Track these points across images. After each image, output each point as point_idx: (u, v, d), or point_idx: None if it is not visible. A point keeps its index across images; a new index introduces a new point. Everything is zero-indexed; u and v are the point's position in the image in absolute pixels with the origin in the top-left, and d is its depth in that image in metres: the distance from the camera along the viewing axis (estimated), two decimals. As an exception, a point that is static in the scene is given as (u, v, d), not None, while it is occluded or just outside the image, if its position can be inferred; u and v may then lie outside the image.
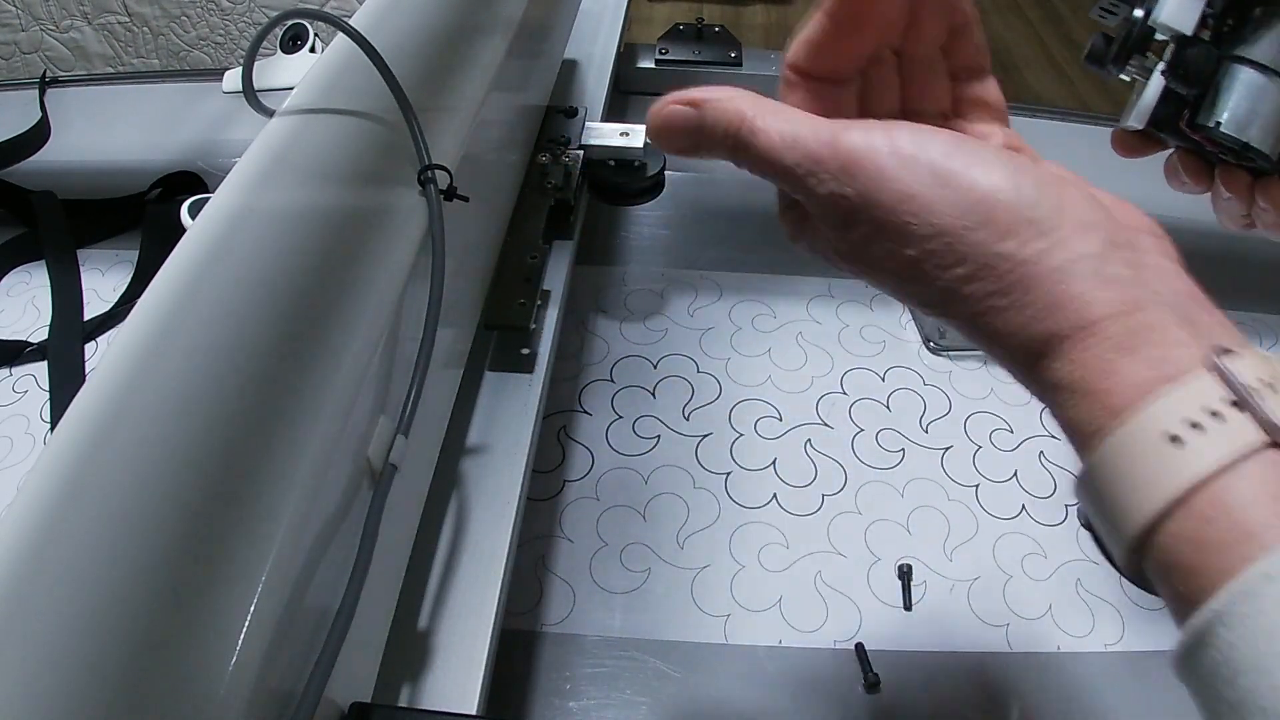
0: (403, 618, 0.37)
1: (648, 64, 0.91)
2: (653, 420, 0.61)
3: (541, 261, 0.55)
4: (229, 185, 0.32)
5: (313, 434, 0.27)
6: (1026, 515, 0.58)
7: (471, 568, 0.40)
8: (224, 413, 0.25)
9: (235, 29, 1.27)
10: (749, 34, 2.79)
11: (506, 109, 0.54)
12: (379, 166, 0.36)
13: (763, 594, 0.52)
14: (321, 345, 0.29)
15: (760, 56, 0.92)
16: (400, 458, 0.31)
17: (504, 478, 0.44)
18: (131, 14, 1.25)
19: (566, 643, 0.50)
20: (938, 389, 0.66)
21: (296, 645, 0.25)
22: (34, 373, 0.63)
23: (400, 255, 0.34)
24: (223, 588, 0.22)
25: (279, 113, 0.36)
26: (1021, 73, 2.67)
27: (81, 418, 0.23)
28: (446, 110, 0.41)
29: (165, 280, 0.28)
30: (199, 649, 0.22)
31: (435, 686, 0.36)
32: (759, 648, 0.50)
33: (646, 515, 0.55)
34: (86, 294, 0.69)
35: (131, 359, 0.25)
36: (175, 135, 0.82)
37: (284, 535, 0.24)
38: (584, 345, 0.66)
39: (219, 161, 0.79)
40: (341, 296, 0.30)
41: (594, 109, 0.71)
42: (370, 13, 0.41)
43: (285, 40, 0.88)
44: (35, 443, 0.58)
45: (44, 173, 0.77)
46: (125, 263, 0.71)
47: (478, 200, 0.41)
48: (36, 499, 0.22)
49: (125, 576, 0.21)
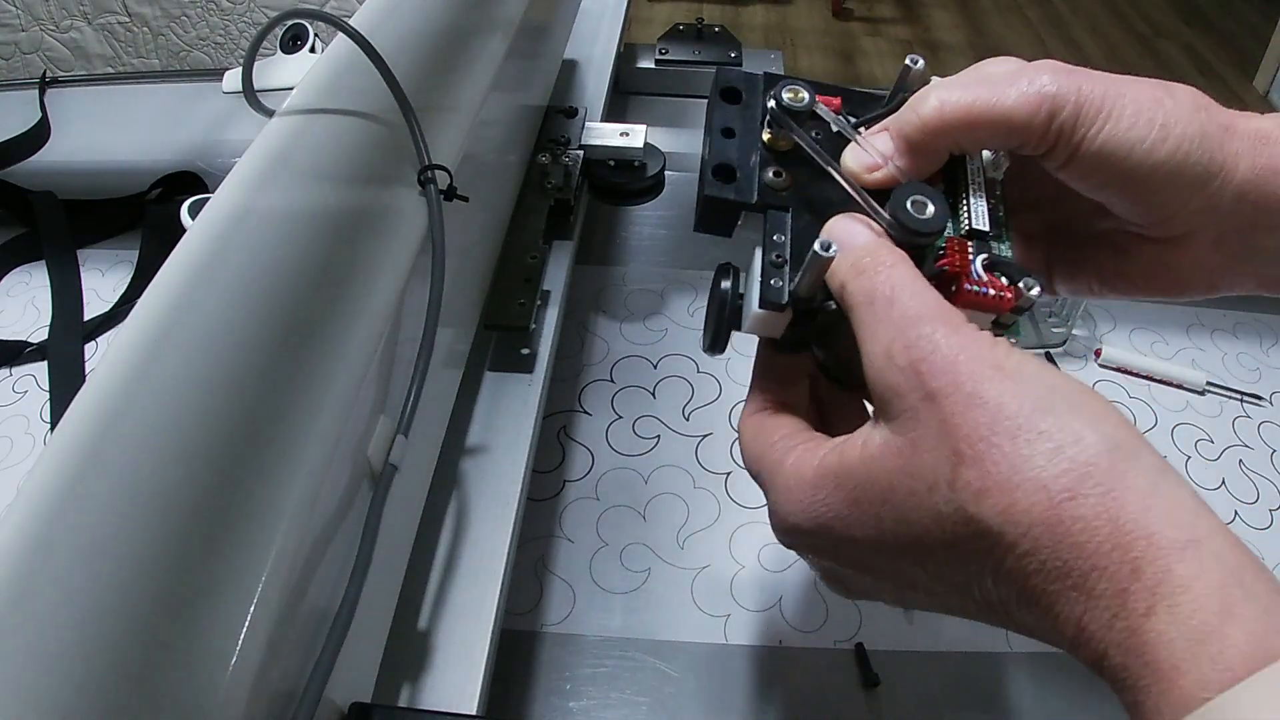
0: (403, 618, 0.37)
1: (648, 64, 0.91)
2: (653, 420, 0.61)
3: (541, 261, 0.55)
4: (229, 185, 0.32)
5: (313, 434, 0.27)
6: (1026, 515, 0.58)
7: (471, 568, 0.40)
8: (224, 413, 0.25)
9: (235, 29, 1.27)
10: (749, 34, 2.79)
11: (506, 109, 0.54)
12: (379, 166, 0.36)
13: (763, 594, 0.52)
14: (321, 345, 0.29)
15: (760, 56, 0.92)
16: (400, 458, 0.31)
17: (504, 478, 0.44)
18: (131, 14, 1.25)
19: (566, 643, 0.50)
20: (938, 389, 0.66)
21: (296, 645, 0.25)
22: (34, 373, 0.63)
23: (400, 255, 0.34)
24: (223, 588, 0.23)
25: (279, 113, 0.36)
26: (1021, 73, 2.67)
27: (81, 418, 0.23)
28: (446, 110, 0.41)
29: (165, 280, 0.27)
30: (199, 649, 0.22)
31: (435, 686, 0.36)
32: (759, 648, 0.50)
33: (646, 515, 0.55)
34: (86, 294, 0.69)
35: (131, 359, 0.25)
36: (175, 135, 0.82)
37: (284, 535, 0.24)
38: (584, 345, 0.66)
39: (219, 161, 0.79)
40: (341, 296, 0.30)
41: (594, 109, 0.71)
42: (370, 13, 0.41)
43: (285, 40, 0.88)
44: (35, 443, 0.58)
45: (44, 173, 0.77)
46: (125, 263, 0.71)
47: (478, 200, 0.41)
48: (36, 499, 0.22)
49: (125, 576, 0.21)
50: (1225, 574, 0.20)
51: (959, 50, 2.76)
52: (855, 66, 2.65)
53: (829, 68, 2.63)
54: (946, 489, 0.22)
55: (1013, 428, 0.22)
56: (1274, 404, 0.66)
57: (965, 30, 2.88)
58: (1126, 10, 3.02)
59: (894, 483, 0.24)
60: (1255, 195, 0.29)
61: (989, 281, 0.27)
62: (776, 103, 0.29)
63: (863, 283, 0.26)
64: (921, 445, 0.23)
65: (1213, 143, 0.28)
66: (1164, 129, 0.27)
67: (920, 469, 0.23)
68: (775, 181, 0.29)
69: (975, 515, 0.22)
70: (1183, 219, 0.29)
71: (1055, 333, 0.69)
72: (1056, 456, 0.21)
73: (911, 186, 0.27)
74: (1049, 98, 0.27)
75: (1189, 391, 0.67)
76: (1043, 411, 0.22)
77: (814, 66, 2.63)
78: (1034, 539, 0.21)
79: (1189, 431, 0.64)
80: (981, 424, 0.22)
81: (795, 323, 0.29)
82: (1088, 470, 0.21)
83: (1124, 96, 0.28)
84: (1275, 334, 0.71)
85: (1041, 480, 0.21)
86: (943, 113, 0.28)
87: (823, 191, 0.29)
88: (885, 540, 0.24)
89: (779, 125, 0.30)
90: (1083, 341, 0.70)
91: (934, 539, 0.23)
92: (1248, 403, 0.66)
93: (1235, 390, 0.67)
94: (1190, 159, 0.28)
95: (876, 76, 2.61)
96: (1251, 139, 0.29)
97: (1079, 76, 0.28)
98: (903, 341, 0.24)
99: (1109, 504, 0.21)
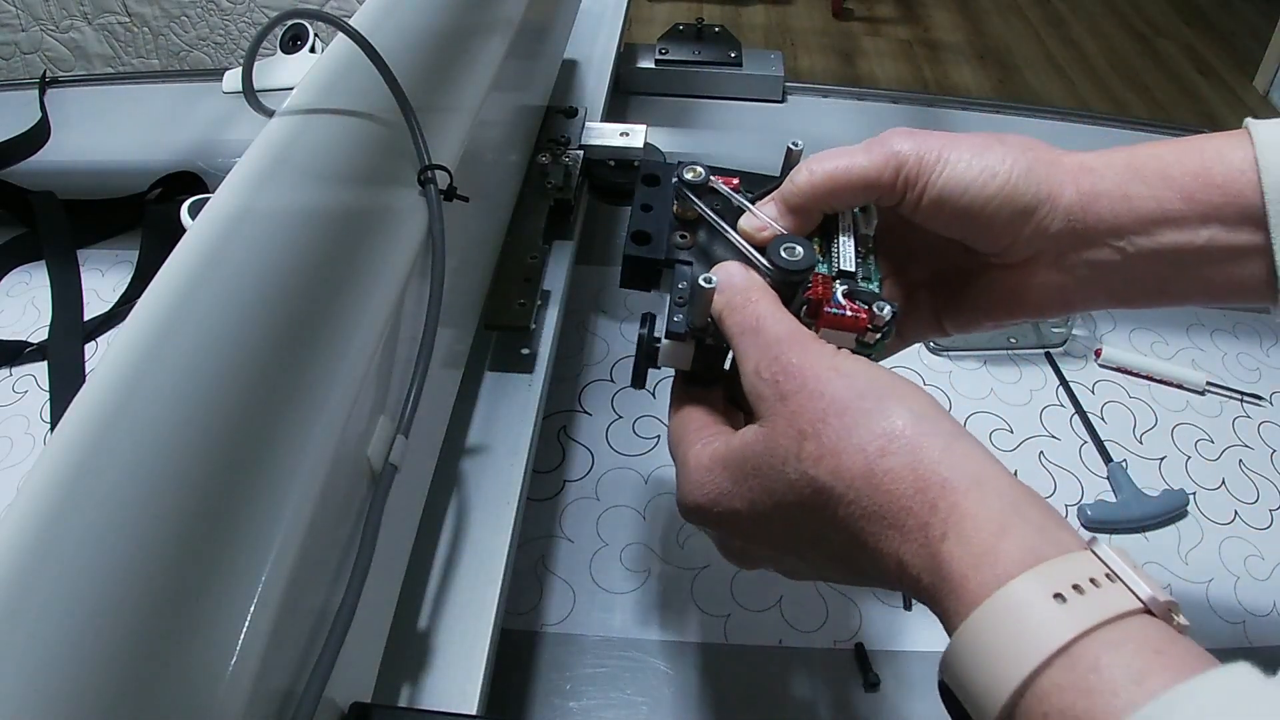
0: (403, 618, 0.37)
1: (648, 64, 0.91)
2: (653, 420, 0.61)
3: (541, 261, 0.55)
4: (229, 185, 0.32)
5: (313, 434, 0.27)
6: (1026, 515, 0.58)
7: (471, 568, 0.40)
8: (224, 413, 0.25)
9: (235, 29, 1.27)
10: (749, 34, 2.79)
11: (506, 109, 0.54)
12: (379, 166, 0.36)
13: (763, 594, 0.52)
14: (321, 345, 0.29)
15: (760, 56, 0.92)
16: (400, 458, 0.31)
17: (504, 478, 0.44)
18: (131, 14, 1.25)
19: (566, 643, 0.50)
20: (938, 389, 0.66)
21: (296, 645, 0.25)
22: (34, 373, 0.63)
23: (400, 255, 0.34)
24: (223, 588, 0.23)
25: (279, 113, 0.36)
26: (1021, 73, 2.67)
27: (81, 418, 0.23)
28: (446, 110, 0.41)
29: (165, 280, 0.28)
30: (199, 649, 0.22)
31: (435, 686, 0.36)
32: (759, 648, 0.50)
33: (646, 515, 0.55)
34: (86, 294, 0.69)
35: (131, 359, 0.25)
36: (175, 135, 0.82)
37: (284, 535, 0.24)
38: (584, 345, 0.66)
39: (219, 161, 0.79)
40: (341, 296, 0.30)
41: (594, 109, 0.71)
42: (370, 13, 0.41)
43: (285, 40, 0.88)
44: (35, 443, 0.58)
45: (44, 173, 0.77)
46: (125, 263, 0.71)
47: (478, 200, 0.41)
48: (36, 499, 0.22)
49: (125, 576, 0.21)
50: (1004, 505, 0.25)
51: (959, 50, 2.76)
52: (855, 67, 2.65)
53: (829, 68, 2.63)
54: (795, 460, 0.28)
55: (841, 409, 0.28)
56: (1274, 404, 0.66)
57: (965, 30, 2.88)
58: (1126, 10, 3.02)
59: (759, 461, 0.30)
60: (1082, 217, 0.34)
61: (846, 306, 0.34)
62: (679, 179, 0.37)
63: (736, 317, 0.32)
64: (777, 431, 0.29)
65: (1038, 175, 0.34)
66: (991, 169, 0.33)
67: (776, 448, 0.29)
68: (681, 242, 0.36)
69: (815, 477, 0.28)
70: (1024, 243, 0.35)
71: (1055, 333, 0.69)
72: (873, 427, 0.27)
73: (786, 237, 0.34)
74: (895, 155, 0.34)
75: (1189, 391, 0.67)
76: (864, 396, 0.28)
77: (814, 66, 2.63)
78: (857, 490, 0.27)
79: (1189, 431, 0.64)
80: (819, 410, 0.28)
81: (698, 356, 0.35)
82: (895, 434, 0.27)
83: (958, 147, 0.34)
84: (1275, 334, 0.72)
85: (861, 444, 0.27)
86: (812, 180, 0.34)
87: (718, 248, 0.36)
88: (757, 508, 0.30)
89: (682, 199, 0.37)
90: (1083, 341, 0.70)
91: (790, 502, 0.29)
92: (1248, 403, 0.66)
93: (1235, 390, 0.67)
94: (1019, 190, 0.33)
95: (876, 76, 2.61)
96: (1074, 170, 0.34)
97: (919, 137, 0.34)
98: (766, 361, 0.30)
99: (911, 458, 0.26)
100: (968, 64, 2.70)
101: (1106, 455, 0.62)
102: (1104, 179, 0.34)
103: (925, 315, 0.40)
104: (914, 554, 0.26)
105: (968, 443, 0.27)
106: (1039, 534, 0.24)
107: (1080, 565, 0.23)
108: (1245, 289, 0.34)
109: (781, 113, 0.91)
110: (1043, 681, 0.22)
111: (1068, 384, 0.67)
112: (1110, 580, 0.23)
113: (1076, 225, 0.34)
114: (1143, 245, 0.34)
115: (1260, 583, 0.55)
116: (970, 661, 0.23)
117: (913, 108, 0.94)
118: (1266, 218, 0.32)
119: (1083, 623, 0.22)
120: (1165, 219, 0.34)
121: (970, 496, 0.25)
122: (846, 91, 0.95)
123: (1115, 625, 0.22)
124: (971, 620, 0.23)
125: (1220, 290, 0.35)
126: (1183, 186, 0.34)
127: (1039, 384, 0.67)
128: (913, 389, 0.29)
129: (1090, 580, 0.23)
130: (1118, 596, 0.23)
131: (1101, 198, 0.34)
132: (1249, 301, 0.35)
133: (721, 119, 0.89)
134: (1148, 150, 0.35)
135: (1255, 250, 0.33)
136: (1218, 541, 0.57)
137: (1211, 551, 0.57)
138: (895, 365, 0.67)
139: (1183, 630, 0.23)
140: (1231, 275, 0.34)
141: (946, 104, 0.95)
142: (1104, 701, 0.21)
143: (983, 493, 0.25)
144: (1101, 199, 0.34)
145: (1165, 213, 0.34)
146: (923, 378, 0.67)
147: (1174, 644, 0.22)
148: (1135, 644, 0.22)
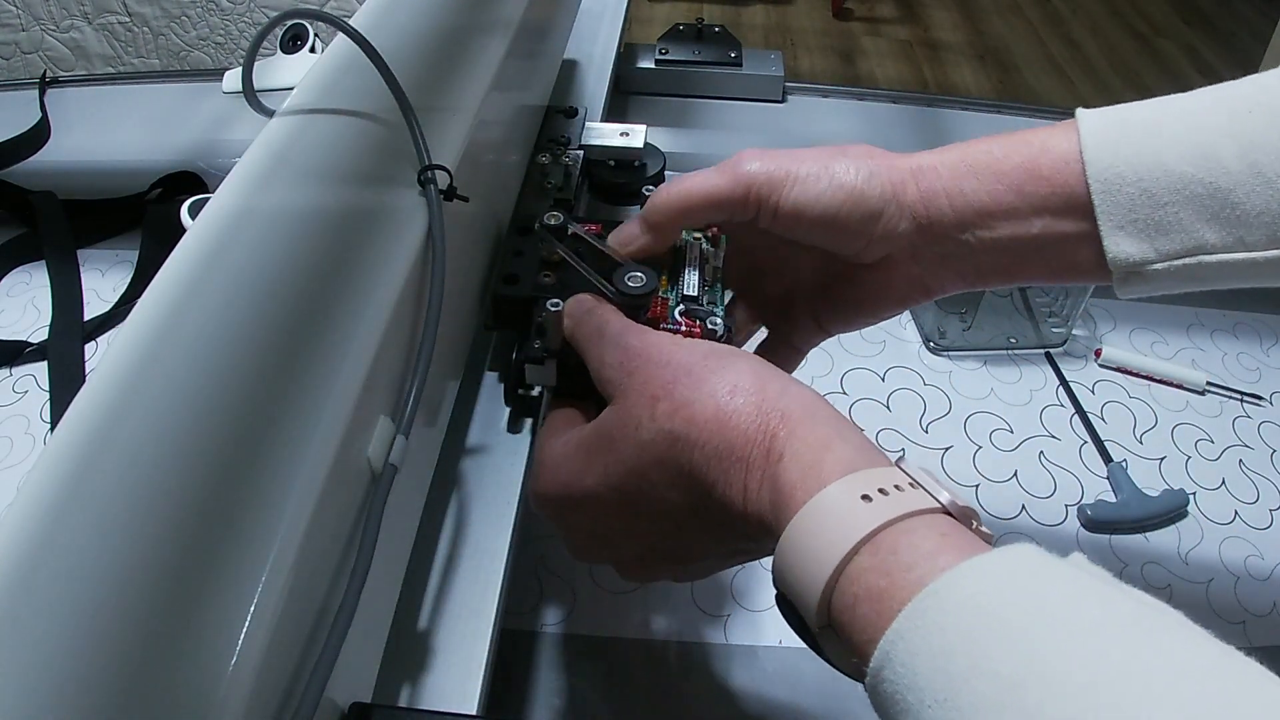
0: (403, 618, 0.37)
1: (648, 64, 0.91)
2: (653, 420, 0.61)
3: (541, 261, 0.55)
4: (229, 185, 0.32)
5: (313, 434, 0.27)
6: (1026, 515, 0.58)
7: (471, 568, 0.40)
8: (224, 413, 0.25)
9: (235, 29, 1.27)
10: (749, 34, 2.79)
11: (506, 109, 0.54)
12: (379, 166, 0.36)
13: (763, 594, 0.52)
14: (321, 345, 0.29)
15: (760, 56, 0.92)
16: (400, 458, 0.31)
17: (504, 478, 0.44)
18: (131, 14, 1.25)
19: (566, 643, 0.50)
20: (938, 389, 0.66)
21: (296, 645, 0.25)
22: (34, 373, 0.63)
23: (400, 255, 0.34)
24: (222, 588, 0.23)
25: (279, 113, 0.36)
26: (1021, 73, 2.67)
27: (81, 418, 0.23)
28: (446, 110, 0.41)
29: (165, 280, 0.27)
30: (199, 649, 0.22)
31: (435, 686, 0.36)
32: (759, 648, 0.50)
33: (646, 515, 0.55)
34: (86, 294, 0.69)
35: (131, 359, 0.25)
36: (175, 135, 0.82)
37: (284, 535, 0.24)
38: (584, 345, 0.66)
39: (219, 161, 0.79)
40: (341, 296, 0.30)
41: (594, 109, 0.71)
42: (370, 13, 0.41)
43: (285, 40, 0.88)
44: (35, 443, 0.58)
45: (44, 173, 0.78)
46: (125, 263, 0.71)
47: (478, 200, 0.41)
48: (36, 499, 0.22)
49: (125, 576, 0.21)
50: (830, 430, 0.28)
51: (959, 50, 2.76)
52: (855, 67, 2.65)
53: (829, 68, 2.63)
54: (649, 420, 0.30)
55: (688, 370, 0.31)
56: (1274, 404, 0.66)
57: (965, 30, 2.88)
58: (1126, 10, 3.02)
59: (611, 432, 0.32)
60: (925, 214, 0.37)
61: (682, 322, 0.38)
62: (540, 224, 0.42)
63: (583, 329, 0.36)
64: (628, 400, 0.32)
65: (880, 180, 0.36)
66: (837, 179, 0.36)
67: (629, 417, 0.31)
68: (546, 280, 0.40)
69: (670, 429, 0.30)
70: (877, 243, 0.38)
71: (1055, 333, 0.69)
72: (721, 379, 0.30)
73: (630, 266, 0.38)
74: (745, 175, 0.37)
75: (1189, 391, 0.67)
76: (708, 357, 0.31)
77: (814, 66, 2.63)
78: (709, 433, 0.29)
79: (1189, 431, 0.64)
80: (669, 376, 0.31)
81: (562, 373, 0.38)
82: (741, 381, 0.30)
83: (805, 163, 0.37)
84: (1275, 334, 0.72)
85: (711, 392, 0.30)
86: (669, 199, 0.38)
87: (577, 284, 0.39)
88: (609, 479, 0.32)
89: (544, 241, 0.41)
90: (1083, 341, 0.70)
91: (644, 462, 0.31)
92: (1248, 403, 0.66)
93: (1235, 390, 0.67)
94: (864, 196, 0.36)
95: (876, 77, 2.61)
96: (914, 171, 0.37)
97: (768, 157, 0.37)
98: (610, 352, 0.34)
99: (755, 398, 0.29)
100: (968, 64, 2.70)
101: (1106, 455, 0.62)
102: (940, 177, 0.37)
103: (807, 322, 0.43)
104: (757, 481, 0.28)
105: (802, 386, 0.31)
106: (856, 451, 0.28)
107: (887, 475, 0.27)
108: (1083, 271, 0.36)
109: (781, 113, 0.91)
110: (851, 567, 0.25)
111: (1068, 384, 0.67)
112: (913, 487, 0.26)
113: (921, 222, 0.37)
114: (984, 237, 0.37)
115: (1260, 583, 0.55)
116: (793, 560, 0.26)
117: (913, 108, 0.94)
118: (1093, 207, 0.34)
119: (885, 515, 0.25)
120: (1000, 212, 0.36)
121: (803, 423, 0.29)
122: (846, 92, 0.95)
123: (914, 519, 0.25)
124: (794, 522, 0.26)
125: (1062, 273, 0.37)
126: (1013, 180, 0.36)
127: (1039, 384, 0.67)
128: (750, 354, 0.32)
129: (895, 486, 0.26)
130: (918, 498, 0.26)
131: (940, 195, 0.37)
132: (1091, 283, 0.37)
133: (721, 119, 0.89)
134: (981, 146, 0.37)
135: (1085, 236, 0.35)
136: (1218, 541, 0.58)
137: (1211, 551, 0.57)
138: (895, 365, 0.67)
139: (986, 539, 0.26)
140: (1067, 260, 0.36)
141: (946, 104, 0.95)
142: (901, 577, 0.24)
143: (814, 420, 0.29)
144: (940, 196, 0.37)
145: (999, 205, 0.36)
146: (923, 378, 0.67)
147: (964, 534, 0.25)
148: (929, 531, 0.25)
